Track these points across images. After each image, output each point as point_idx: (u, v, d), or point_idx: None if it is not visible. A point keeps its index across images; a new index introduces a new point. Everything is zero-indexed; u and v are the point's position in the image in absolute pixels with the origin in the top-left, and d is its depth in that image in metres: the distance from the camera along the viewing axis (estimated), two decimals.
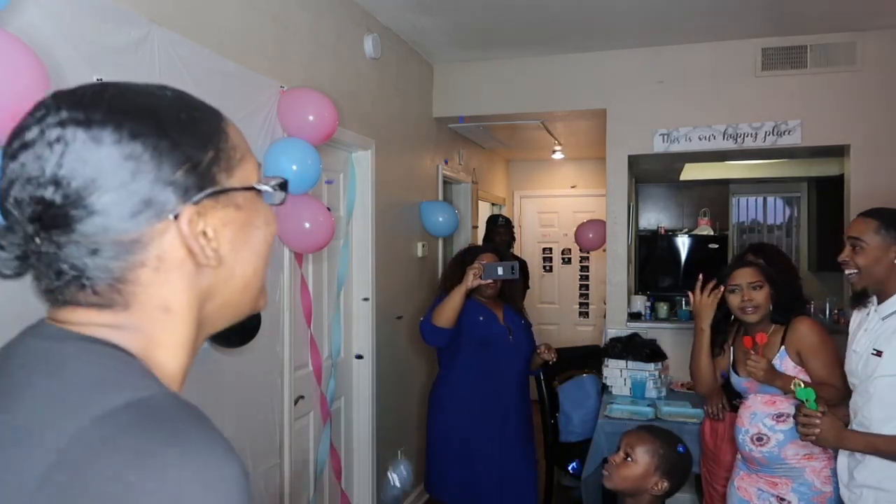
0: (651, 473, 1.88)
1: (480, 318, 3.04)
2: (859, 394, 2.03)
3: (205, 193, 0.60)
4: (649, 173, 5.58)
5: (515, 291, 3.29)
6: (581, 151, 6.32)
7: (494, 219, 5.27)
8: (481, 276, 2.90)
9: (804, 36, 3.82)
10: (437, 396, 3.14)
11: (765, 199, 6.13)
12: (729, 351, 2.52)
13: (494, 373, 3.03)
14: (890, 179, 3.70)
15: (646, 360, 3.67)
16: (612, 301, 4.20)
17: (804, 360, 2.28)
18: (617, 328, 4.08)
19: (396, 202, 3.85)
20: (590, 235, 4.57)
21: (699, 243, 5.85)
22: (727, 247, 5.87)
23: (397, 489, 2.58)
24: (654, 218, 6.21)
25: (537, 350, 3.16)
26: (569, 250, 6.89)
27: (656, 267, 5.90)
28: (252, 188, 0.65)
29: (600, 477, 2.03)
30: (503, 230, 5.08)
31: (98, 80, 0.66)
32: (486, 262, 2.95)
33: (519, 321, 3.17)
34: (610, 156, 4.20)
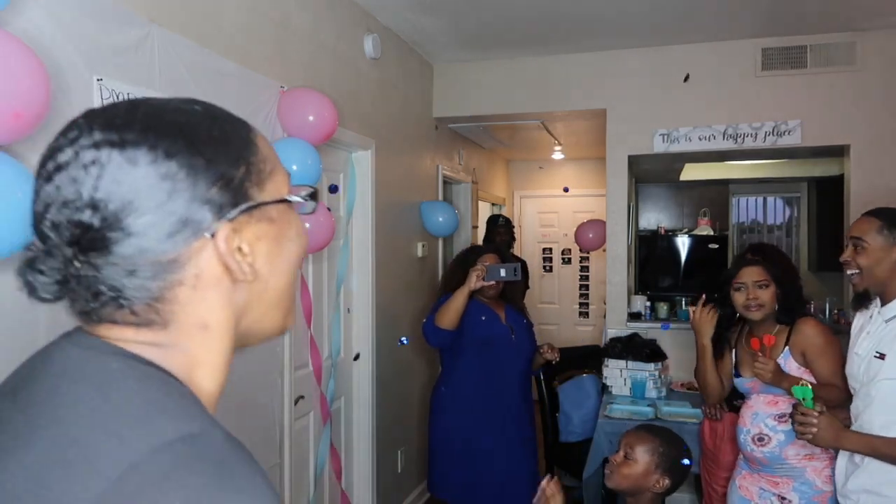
0: (652, 472, 1.90)
1: (483, 319, 3.03)
2: (860, 398, 2.01)
3: (239, 209, 0.59)
4: (649, 173, 5.58)
5: (516, 291, 3.29)
6: (581, 151, 6.32)
7: (494, 219, 5.27)
8: (484, 278, 2.90)
9: (804, 36, 3.82)
10: (440, 396, 3.14)
11: (765, 200, 6.13)
12: (730, 354, 2.52)
13: (496, 373, 3.02)
14: (890, 179, 3.70)
15: (646, 360, 3.68)
16: (612, 301, 4.20)
17: (809, 362, 2.28)
18: (617, 328, 4.08)
19: (396, 202, 3.85)
20: (590, 235, 4.57)
21: (699, 243, 5.84)
22: (727, 247, 5.86)
23: None
24: (654, 218, 6.20)
25: (540, 350, 3.15)
26: (569, 250, 6.89)
27: (656, 267, 5.90)
28: (284, 200, 0.65)
29: (600, 477, 2.04)
30: (503, 230, 5.08)
31: (127, 98, 0.66)
32: (489, 264, 2.95)
33: (521, 321, 3.17)
34: (610, 156, 4.20)
